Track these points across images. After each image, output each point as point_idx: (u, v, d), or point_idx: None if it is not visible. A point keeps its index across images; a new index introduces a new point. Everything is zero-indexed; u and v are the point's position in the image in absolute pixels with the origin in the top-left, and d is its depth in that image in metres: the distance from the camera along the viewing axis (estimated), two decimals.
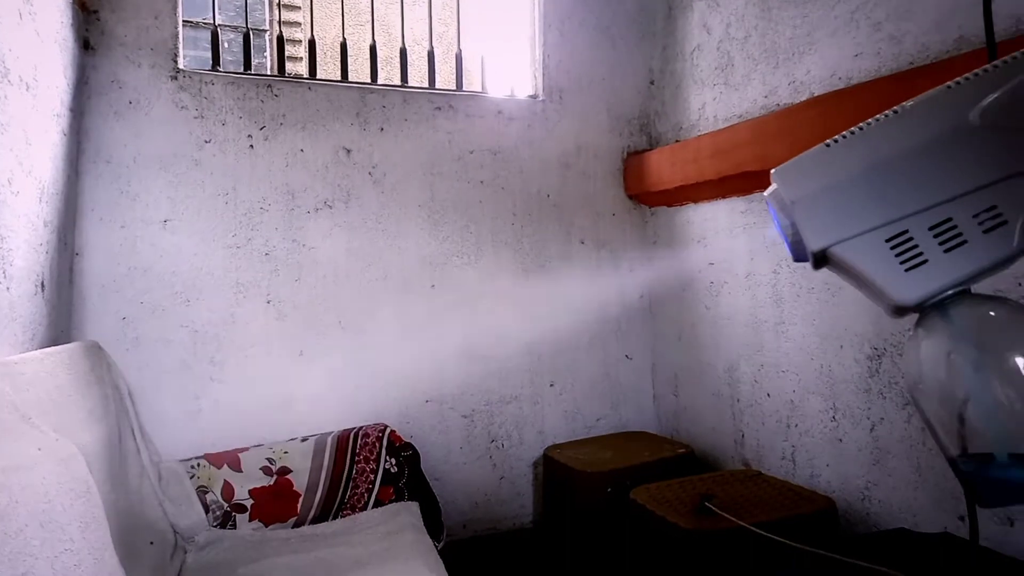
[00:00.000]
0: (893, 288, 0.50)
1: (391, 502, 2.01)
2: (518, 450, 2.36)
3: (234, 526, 1.91)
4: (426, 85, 2.33)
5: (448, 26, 2.41)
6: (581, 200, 2.45)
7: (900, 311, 0.52)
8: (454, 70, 2.39)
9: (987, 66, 0.52)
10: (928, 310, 0.51)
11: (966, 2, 1.41)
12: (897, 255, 0.50)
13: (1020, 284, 1.30)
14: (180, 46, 2.05)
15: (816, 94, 1.77)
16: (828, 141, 0.55)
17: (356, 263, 2.19)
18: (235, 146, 2.08)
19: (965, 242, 0.48)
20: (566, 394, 2.42)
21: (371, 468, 2.03)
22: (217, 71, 2.11)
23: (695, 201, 2.27)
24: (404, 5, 2.37)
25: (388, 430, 2.09)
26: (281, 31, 2.22)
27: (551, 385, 2.40)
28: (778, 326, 1.93)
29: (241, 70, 2.18)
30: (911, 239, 0.50)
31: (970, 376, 0.49)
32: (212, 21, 2.19)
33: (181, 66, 2.04)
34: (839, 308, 1.71)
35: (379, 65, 2.30)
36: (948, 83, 0.52)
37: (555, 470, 2.15)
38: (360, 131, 2.20)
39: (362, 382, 2.19)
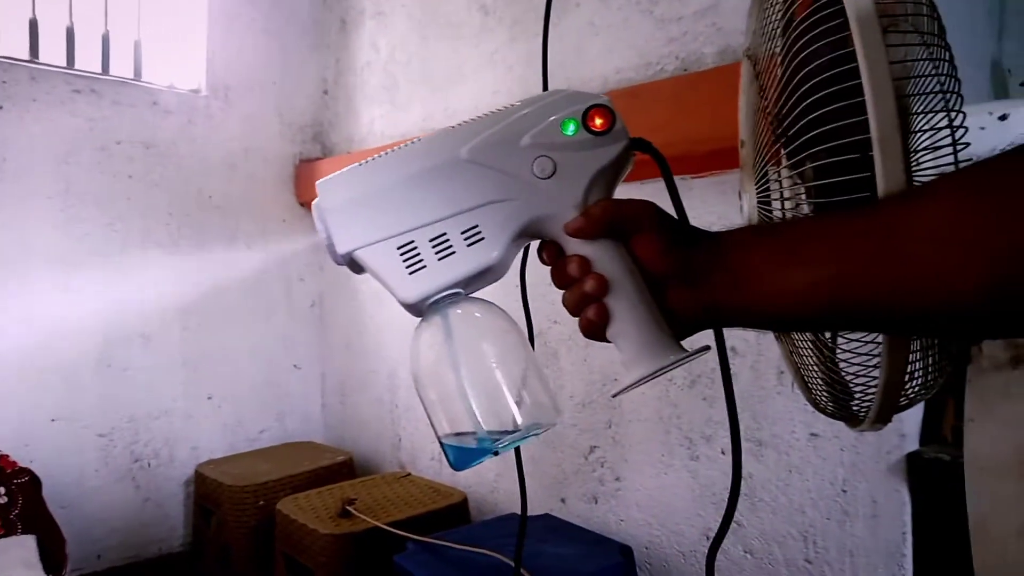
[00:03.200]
0: (399, 288, 0.59)
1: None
2: (167, 469, 2.19)
3: None
4: (63, 64, 2.07)
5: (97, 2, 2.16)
6: (248, 204, 2.37)
7: (408, 308, 0.60)
8: (100, 51, 2.15)
9: (484, 113, 0.62)
10: (429, 308, 0.60)
11: (570, 59, 1.66)
12: (404, 261, 0.59)
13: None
14: None
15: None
16: (363, 160, 0.62)
17: None
18: None
19: (454, 252, 0.58)
20: (226, 407, 2.31)
21: None
22: None
23: None
24: None
25: None
26: None
27: (209, 398, 2.28)
28: None
29: None
30: (415, 248, 0.59)
31: (452, 364, 0.59)
32: None
33: None
34: None
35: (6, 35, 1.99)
36: (455, 123, 0.60)
37: (206, 487, 2.04)
38: None
39: None
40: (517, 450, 1.03)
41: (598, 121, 0.57)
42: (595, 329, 0.56)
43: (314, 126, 2.52)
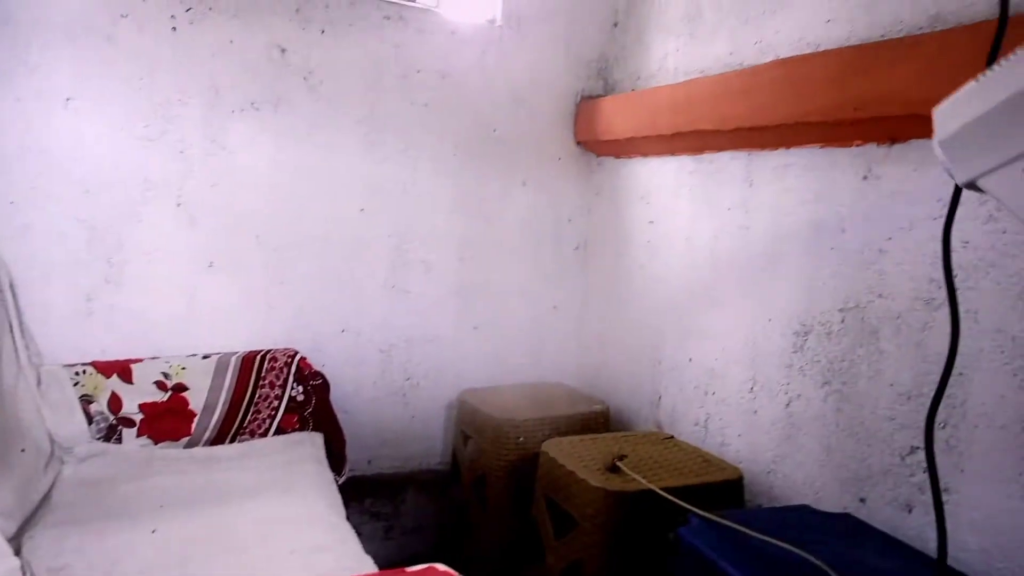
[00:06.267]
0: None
1: (294, 431, 1.92)
2: (433, 390, 2.29)
3: (119, 440, 1.78)
4: None
5: None
6: (528, 139, 2.34)
7: None
8: None
9: None
10: None
11: None
12: None
13: None
14: None
15: (782, 56, 1.70)
16: (979, 75, 0.55)
17: (281, 175, 2.03)
18: (155, 26, 1.87)
19: None
20: (489, 338, 2.35)
21: (276, 394, 1.92)
22: None
23: (644, 155, 2.20)
24: None
25: (298, 356, 1.98)
26: None
27: (475, 328, 2.33)
28: (710, 292, 1.89)
29: None
30: None
31: None
32: None
33: None
34: (774, 281, 1.68)
35: None
36: None
37: (468, 414, 2.09)
38: (299, 30, 2.01)
39: (276, 303, 2.06)
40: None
41: None
42: None
43: (599, 61, 2.41)
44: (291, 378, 1.94)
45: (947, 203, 1.28)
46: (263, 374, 1.92)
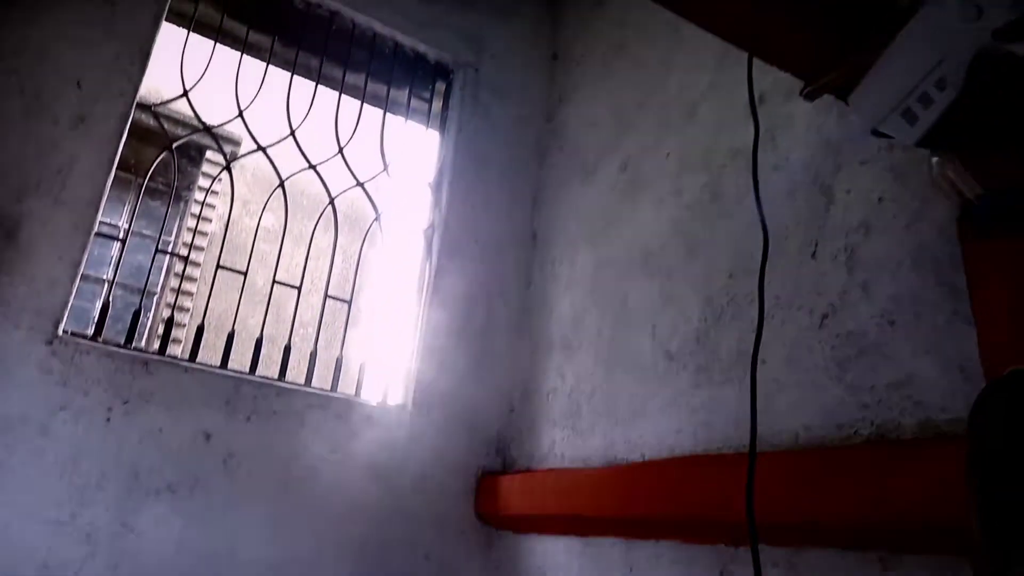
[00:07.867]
0: (904, 137, 0.94)
1: None
2: None
3: None
4: (302, 382, 2.45)
5: (336, 329, 2.62)
6: (433, 513, 2.50)
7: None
8: (332, 371, 2.54)
9: None
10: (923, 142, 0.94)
11: (758, 408, 1.73)
12: (905, 119, 0.93)
13: None
14: (67, 314, 2.11)
15: (647, 456, 2.01)
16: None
17: (185, 559, 2.07)
18: (91, 417, 2.05)
19: (933, 100, 0.90)
20: None
21: None
22: (96, 342, 2.15)
23: (539, 532, 2.37)
24: (298, 307, 2.57)
25: None
26: (173, 313, 2.33)
27: None
28: None
29: (122, 342, 2.23)
30: (910, 109, 0.92)
31: None
32: (108, 293, 2.29)
33: (61, 332, 2.07)
34: None
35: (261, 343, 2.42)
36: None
37: None
38: (226, 418, 2.23)
39: None
40: None
41: None
42: None
43: (499, 441, 2.70)
44: None
45: None
46: None
